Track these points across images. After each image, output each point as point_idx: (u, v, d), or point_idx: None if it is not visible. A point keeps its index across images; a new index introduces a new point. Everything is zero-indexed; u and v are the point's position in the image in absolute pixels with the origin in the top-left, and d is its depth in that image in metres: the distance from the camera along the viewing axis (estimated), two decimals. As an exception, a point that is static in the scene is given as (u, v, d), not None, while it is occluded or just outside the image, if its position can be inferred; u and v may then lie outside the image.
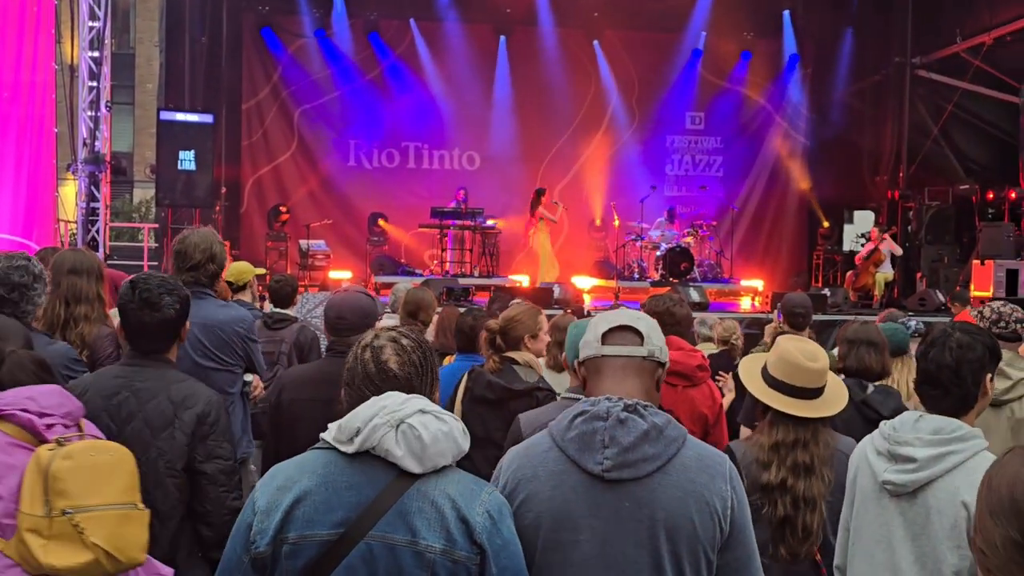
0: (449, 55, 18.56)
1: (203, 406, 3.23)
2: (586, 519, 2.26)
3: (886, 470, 2.84)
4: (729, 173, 20.01)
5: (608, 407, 2.30)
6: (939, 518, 2.73)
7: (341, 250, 17.67)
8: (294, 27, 18.32)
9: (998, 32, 15.80)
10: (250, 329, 4.51)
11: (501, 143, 18.80)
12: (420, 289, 6.70)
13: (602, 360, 2.44)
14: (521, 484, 2.32)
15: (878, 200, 18.88)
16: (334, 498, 2.20)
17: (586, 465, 2.27)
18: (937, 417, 2.81)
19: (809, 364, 3.36)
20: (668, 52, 19.11)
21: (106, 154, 13.99)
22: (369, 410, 2.23)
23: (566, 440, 2.31)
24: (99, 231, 13.83)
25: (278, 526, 2.19)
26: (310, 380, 3.97)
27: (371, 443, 2.20)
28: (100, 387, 3.24)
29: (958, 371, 2.81)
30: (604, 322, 2.49)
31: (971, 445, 2.75)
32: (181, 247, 4.39)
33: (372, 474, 2.21)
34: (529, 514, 2.29)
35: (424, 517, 2.18)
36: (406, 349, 2.38)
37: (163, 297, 3.29)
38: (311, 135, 18.66)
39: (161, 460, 3.17)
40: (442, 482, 2.22)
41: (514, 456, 2.41)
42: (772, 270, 19.35)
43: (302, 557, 2.18)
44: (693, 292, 14.06)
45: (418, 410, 2.24)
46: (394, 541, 2.17)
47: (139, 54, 29.63)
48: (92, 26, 13.88)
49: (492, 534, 2.20)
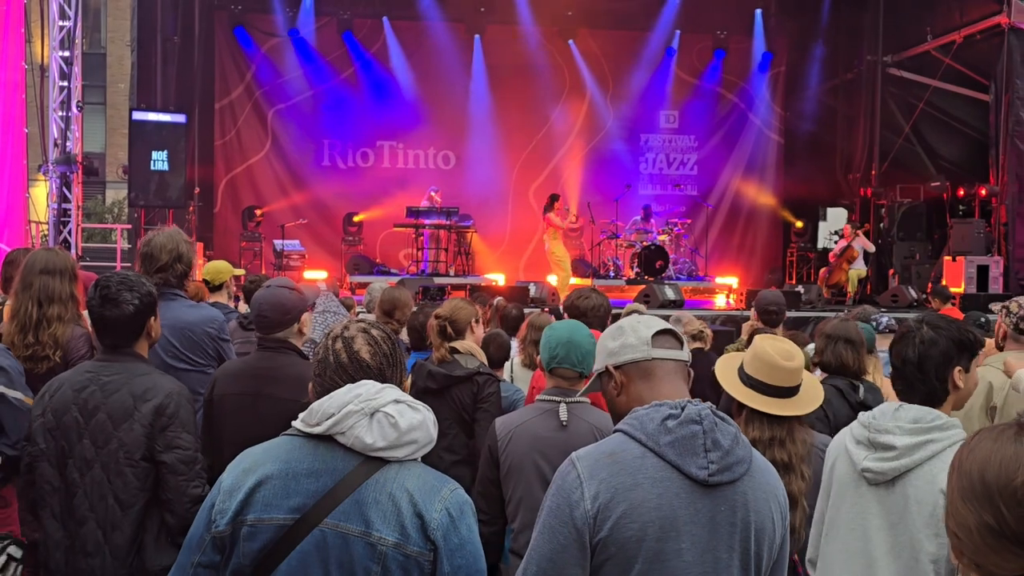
0: (423, 54, 18.54)
1: (162, 398, 3.31)
2: (687, 526, 2.19)
3: (866, 458, 2.86)
4: (703, 171, 20.10)
5: (699, 410, 2.24)
6: (917, 507, 2.75)
7: (316, 250, 17.62)
8: (267, 26, 18.23)
9: (968, 30, 15.94)
10: (221, 329, 4.49)
11: (476, 142, 18.79)
12: (396, 288, 6.69)
13: (654, 364, 2.36)
14: (619, 494, 2.18)
15: (851, 197, 19.01)
16: (293, 484, 2.22)
17: (690, 470, 2.19)
18: (916, 406, 2.84)
19: (785, 363, 3.38)
20: (642, 51, 19.16)
21: (77, 154, 13.88)
22: (344, 396, 2.25)
23: (663, 445, 2.20)
24: (71, 232, 13.72)
25: (238, 507, 2.23)
26: (238, 375, 3.95)
27: (341, 428, 2.22)
28: (73, 381, 3.38)
29: (921, 366, 2.84)
30: (645, 326, 2.42)
31: (950, 435, 2.78)
32: (147, 249, 4.39)
33: (334, 463, 2.23)
34: (633, 525, 2.16)
35: (380, 509, 2.19)
36: (377, 340, 2.40)
37: (122, 293, 3.39)
38: (285, 135, 18.58)
39: (121, 451, 3.27)
40: (402, 475, 2.24)
41: (597, 463, 2.23)
42: (747, 267, 19.48)
43: (258, 540, 2.21)
44: (668, 290, 14.10)
45: (393, 399, 2.26)
46: (348, 531, 2.19)
47: (111, 53, 29.39)
48: (62, 25, 13.77)
49: (449, 532, 2.20)
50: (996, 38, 15.42)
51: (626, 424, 2.28)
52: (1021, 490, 1.45)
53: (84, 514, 3.28)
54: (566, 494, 2.21)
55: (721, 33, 19.45)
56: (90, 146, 26.25)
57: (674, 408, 2.24)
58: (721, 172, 19.98)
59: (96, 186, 27.17)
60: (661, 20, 18.74)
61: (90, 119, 24.25)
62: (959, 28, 16.05)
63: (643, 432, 2.23)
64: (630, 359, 2.37)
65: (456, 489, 2.29)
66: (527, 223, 18.99)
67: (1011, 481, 1.47)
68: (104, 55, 29.46)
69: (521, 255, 18.77)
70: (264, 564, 2.21)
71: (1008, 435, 1.52)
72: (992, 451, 1.51)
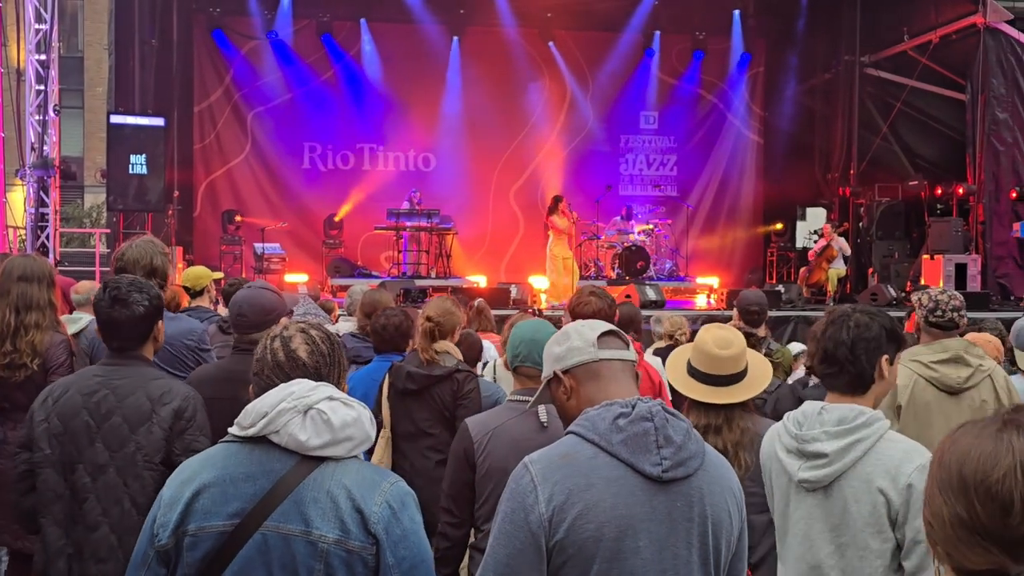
0: (403, 56, 18.50)
1: (180, 401, 3.33)
2: (644, 524, 2.19)
3: (799, 468, 2.86)
4: (684, 172, 20.15)
5: (649, 407, 2.24)
6: (856, 507, 2.77)
7: (297, 253, 17.55)
8: (246, 29, 18.15)
9: (944, 30, 16.05)
10: (200, 340, 4.45)
11: (456, 144, 18.76)
12: (376, 291, 6.71)
13: (601, 364, 2.36)
14: (574, 495, 2.17)
15: (830, 197, 19.11)
16: (231, 489, 2.22)
17: (643, 467, 2.19)
18: (839, 406, 2.85)
19: (719, 352, 3.43)
20: (622, 52, 19.18)
21: (55, 159, 13.78)
22: (277, 395, 2.25)
23: (615, 443, 2.20)
24: (49, 237, 13.62)
25: (179, 519, 2.23)
26: (212, 379, 3.94)
27: (275, 427, 2.22)
28: (80, 386, 3.36)
29: (853, 348, 2.86)
30: (589, 328, 2.43)
31: (875, 429, 2.79)
32: (120, 264, 4.35)
33: (270, 465, 2.23)
34: (589, 525, 2.16)
35: (318, 507, 2.19)
36: (315, 339, 2.41)
37: (132, 294, 3.39)
38: (265, 138, 18.50)
39: (139, 454, 3.27)
40: (340, 472, 2.23)
41: (550, 465, 2.23)
42: (727, 267, 19.54)
43: (200, 549, 2.21)
44: (649, 290, 14.14)
45: (326, 396, 2.26)
46: (288, 531, 2.19)
47: (88, 57, 29.19)
48: (39, 29, 13.67)
49: (390, 524, 2.21)
50: (972, 38, 15.54)
51: (578, 425, 2.28)
52: (995, 487, 1.47)
53: (96, 519, 3.25)
54: (520, 498, 2.21)
55: (700, 34, 19.51)
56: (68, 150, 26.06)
57: (625, 407, 2.25)
58: (701, 172, 20.05)
59: (75, 190, 27.01)
60: (640, 21, 18.76)
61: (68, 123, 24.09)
62: (935, 28, 16.16)
63: (595, 432, 2.23)
64: (577, 362, 2.38)
65: (397, 482, 2.30)
66: (508, 225, 19.02)
67: (987, 477, 1.48)
68: (82, 59, 29.25)
69: (502, 257, 18.77)
70: (208, 572, 2.21)
71: (990, 430, 1.53)
72: (972, 446, 1.52)
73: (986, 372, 4.29)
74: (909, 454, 2.75)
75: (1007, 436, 1.51)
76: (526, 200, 19.15)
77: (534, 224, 18.94)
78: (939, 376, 4.24)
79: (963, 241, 15.56)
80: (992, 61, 15.25)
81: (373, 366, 5.31)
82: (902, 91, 17.20)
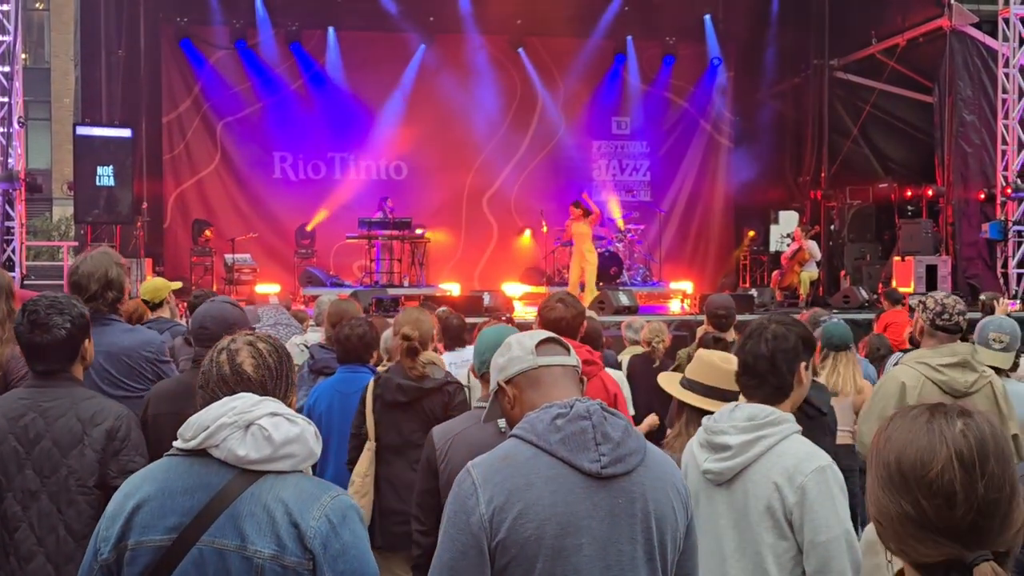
0: (372, 64, 18.44)
1: (113, 421, 3.22)
2: (586, 521, 2.20)
3: (706, 459, 2.93)
4: (656, 177, 20.21)
5: (587, 406, 2.27)
6: (755, 502, 2.81)
7: (268, 263, 17.45)
8: (214, 39, 18.04)
9: (911, 34, 16.20)
10: (159, 351, 4.36)
11: (428, 152, 18.71)
12: (343, 301, 6.64)
13: (541, 371, 2.40)
14: (514, 495, 2.20)
15: (801, 200, 19.22)
16: (169, 503, 2.20)
17: (582, 464, 2.21)
18: (752, 405, 2.92)
19: (724, 365, 3.43)
20: (592, 58, 19.22)
21: (20, 171, 13.62)
22: (218, 410, 2.22)
23: (553, 443, 2.23)
24: (15, 251, 13.46)
25: (119, 533, 2.21)
26: (172, 394, 3.86)
27: (214, 442, 2.19)
28: (6, 409, 3.22)
29: (773, 360, 2.92)
30: (528, 337, 2.47)
31: (782, 429, 2.84)
32: (75, 279, 4.23)
33: (208, 479, 2.20)
34: (529, 525, 2.18)
35: (255, 521, 2.16)
36: (262, 353, 2.37)
37: (52, 317, 3.27)
38: (234, 148, 18.39)
39: (72, 478, 3.16)
40: (278, 486, 2.19)
41: (490, 468, 2.26)
42: (700, 272, 19.60)
43: (139, 563, 2.19)
44: (622, 296, 14.13)
45: (269, 412, 2.22)
46: (223, 546, 2.16)
47: (55, 68, 28.92)
48: (2, 40, 13.52)
49: (328, 538, 2.16)
50: (938, 41, 15.69)
51: (518, 428, 2.31)
52: (936, 482, 1.47)
53: (31, 549, 3.13)
54: (462, 501, 2.24)
55: (670, 39, 19.57)
56: (36, 163, 25.87)
57: (563, 407, 2.28)
58: (673, 177, 20.10)
59: (43, 203, 26.74)
60: (610, 27, 18.80)
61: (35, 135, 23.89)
62: (902, 31, 16.31)
63: (534, 433, 2.27)
64: (517, 370, 2.42)
65: (339, 495, 2.25)
66: (481, 232, 18.99)
67: (927, 474, 1.48)
68: (48, 70, 28.99)
69: (476, 264, 18.75)
70: None
71: (921, 421, 1.53)
72: (907, 441, 1.52)
73: (988, 379, 4.35)
74: (810, 456, 2.80)
75: (937, 425, 1.51)
76: (499, 207, 19.14)
77: (507, 231, 18.97)
78: (947, 380, 4.27)
79: (933, 242, 15.68)
80: (959, 64, 15.39)
81: (338, 377, 5.25)
82: (871, 94, 17.34)
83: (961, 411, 1.54)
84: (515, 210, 19.15)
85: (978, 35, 15.52)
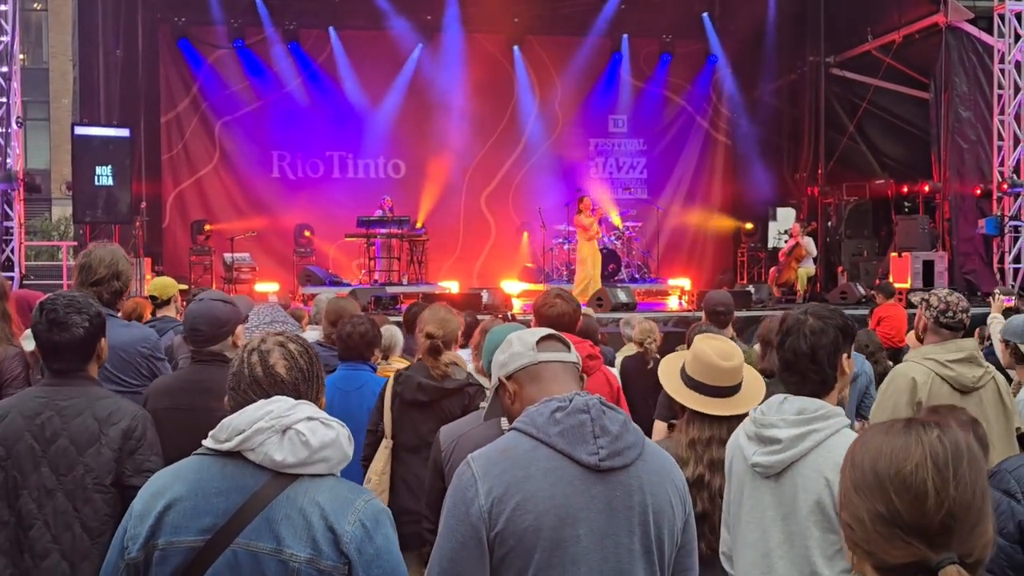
0: (371, 63, 18.46)
1: (129, 421, 3.23)
2: (583, 512, 2.23)
3: (755, 452, 2.91)
4: (653, 174, 20.22)
5: (586, 400, 2.30)
6: (805, 496, 2.80)
7: (267, 262, 17.46)
8: (212, 38, 18.05)
9: (906, 30, 16.21)
10: (155, 348, 4.41)
11: (426, 150, 18.74)
12: (342, 299, 6.67)
13: (541, 367, 2.44)
14: (513, 487, 2.23)
15: (798, 197, 19.23)
16: (203, 504, 2.19)
17: (580, 457, 2.24)
18: (800, 398, 2.89)
19: (723, 363, 3.41)
20: (589, 56, 19.23)
21: (19, 171, 13.65)
22: (255, 413, 2.22)
23: (552, 435, 2.26)
24: (14, 251, 13.49)
25: (149, 532, 2.20)
26: (170, 389, 3.91)
27: (250, 445, 2.19)
28: (23, 408, 3.23)
29: (814, 356, 2.90)
30: (529, 334, 2.50)
31: (832, 423, 2.83)
32: (86, 260, 4.28)
33: (243, 480, 2.20)
34: (528, 516, 2.21)
35: (290, 525, 2.16)
36: (293, 354, 2.36)
37: (71, 316, 3.27)
38: (233, 147, 18.41)
39: (88, 476, 3.16)
40: (313, 490, 2.20)
41: (490, 460, 2.29)
42: (698, 268, 19.63)
43: (170, 563, 2.18)
44: (621, 293, 14.16)
45: (306, 416, 2.23)
46: (259, 549, 2.15)
47: (53, 68, 28.92)
48: (0, 40, 13.53)
49: (363, 543, 2.17)
50: (934, 37, 15.70)
51: (518, 422, 2.34)
52: (910, 477, 1.50)
53: (46, 546, 3.13)
54: (461, 493, 2.28)
55: (667, 37, 19.59)
56: (35, 163, 25.86)
57: (562, 401, 2.31)
58: (671, 175, 20.13)
59: (42, 203, 26.75)
60: (607, 25, 18.82)
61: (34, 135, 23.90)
62: (898, 28, 16.32)
63: (533, 426, 2.29)
64: (518, 366, 2.45)
65: (371, 500, 2.26)
66: (480, 230, 19.02)
67: (900, 469, 1.51)
68: (47, 70, 28.99)
69: (474, 262, 18.79)
70: None
71: (897, 428, 1.57)
72: (883, 443, 1.56)
73: (992, 374, 4.39)
74: None
75: (915, 431, 1.55)
76: (497, 205, 19.19)
77: (506, 229, 18.99)
78: (955, 375, 4.31)
79: (930, 238, 15.71)
80: (954, 60, 15.42)
81: (339, 374, 5.26)
82: (867, 91, 17.36)
83: (938, 423, 1.58)
84: (513, 208, 19.18)
85: (974, 31, 15.54)
